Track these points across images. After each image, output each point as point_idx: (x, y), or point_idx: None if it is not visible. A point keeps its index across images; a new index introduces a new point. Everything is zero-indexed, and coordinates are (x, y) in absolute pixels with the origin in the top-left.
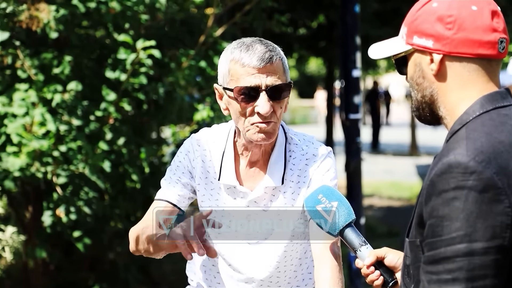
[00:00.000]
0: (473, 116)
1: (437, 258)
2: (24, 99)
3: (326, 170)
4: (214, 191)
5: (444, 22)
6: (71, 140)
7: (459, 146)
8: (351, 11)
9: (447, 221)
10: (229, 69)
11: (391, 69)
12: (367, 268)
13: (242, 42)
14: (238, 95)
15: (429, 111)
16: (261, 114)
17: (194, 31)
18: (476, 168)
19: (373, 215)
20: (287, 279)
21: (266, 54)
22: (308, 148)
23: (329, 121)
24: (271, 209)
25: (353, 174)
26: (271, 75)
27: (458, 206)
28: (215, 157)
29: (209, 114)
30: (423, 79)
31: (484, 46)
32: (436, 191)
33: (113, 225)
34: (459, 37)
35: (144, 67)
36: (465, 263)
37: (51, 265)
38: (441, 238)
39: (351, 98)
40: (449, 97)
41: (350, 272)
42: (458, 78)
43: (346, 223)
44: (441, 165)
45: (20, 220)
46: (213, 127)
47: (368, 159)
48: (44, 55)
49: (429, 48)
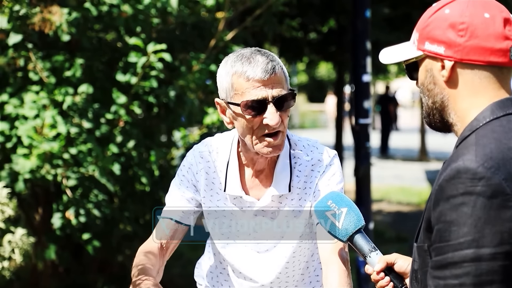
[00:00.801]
0: (483, 123)
1: (445, 263)
2: (35, 101)
3: (332, 175)
4: (221, 202)
5: (456, 29)
6: (82, 143)
7: (468, 152)
8: (361, 16)
9: (455, 226)
10: (232, 83)
11: (401, 74)
12: (377, 274)
13: (242, 55)
14: (245, 109)
15: (439, 118)
16: (270, 126)
17: (205, 35)
18: (485, 174)
19: (382, 220)
20: (294, 282)
21: (269, 65)
22: (313, 153)
23: (338, 125)
24: (278, 217)
25: (362, 179)
26: (276, 86)
27: (466, 212)
28: (219, 168)
29: (219, 117)
30: (434, 85)
31: (495, 53)
32: (445, 196)
33: (122, 228)
34: (470, 45)
35: (155, 71)
36: (472, 269)
37: (60, 267)
38: (448, 243)
39: (361, 103)
40: (460, 103)
41: (358, 277)
42: (469, 85)
43: (356, 229)
44: (450, 171)
45: (30, 222)
46: (216, 137)
47: (377, 164)
48: (56, 57)
49: (441, 55)
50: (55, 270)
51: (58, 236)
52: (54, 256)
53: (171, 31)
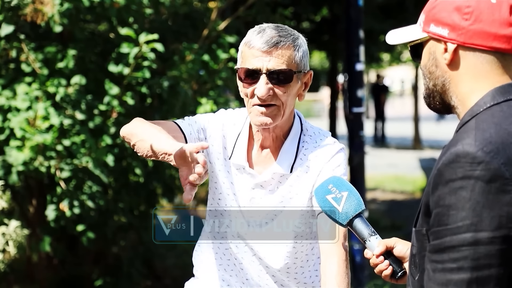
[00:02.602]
0: (484, 108)
1: (443, 247)
2: (28, 93)
3: (337, 166)
4: (227, 168)
5: (461, 12)
6: (75, 134)
7: (468, 136)
8: (354, 4)
9: (453, 210)
10: (241, 51)
11: (394, 63)
12: (376, 258)
13: (260, 27)
14: (240, 76)
15: (439, 100)
16: (259, 97)
17: (197, 25)
18: (484, 158)
19: (377, 208)
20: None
21: (274, 39)
22: (322, 141)
23: (332, 114)
24: (276, 193)
25: (357, 168)
26: (275, 59)
27: (465, 196)
28: (231, 137)
29: (213, 108)
30: (436, 67)
31: (499, 39)
32: (443, 180)
33: (116, 219)
34: (474, 28)
35: (147, 61)
36: (470, 252)
37: (55, 259)
38: (446, 227)
39: (354, 91)
40: (461, 87)
41: (353, 265)
42: (471, 69)
43: (356, 213)
44: (449, 155)
45: (23, 214)
46: (236, 109)
47: (372, 153)
48: (48, 49)
49: (444, 37)
50: (50, 262)
51: (52, 228)
52: (48, 248)
53: (163, 22)
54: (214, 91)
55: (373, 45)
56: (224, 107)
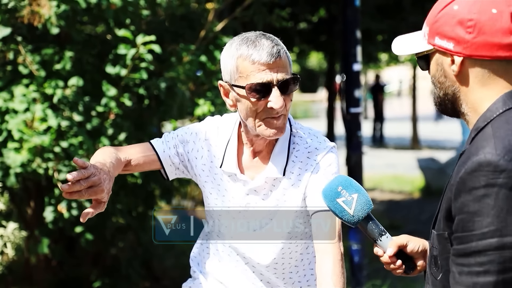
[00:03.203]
0: (497, 114)
1: (468, 251)
2: (25, 94)
3: (328, 165)
4: (218, 176)
5: (464, 26)
6: (72, 136)
7: (488, 144)
8: (351, 5)
9: (478, 217)
10: (237, 66)
11: (392, 63)
12: (389, 259)
13: (247, 38)
14: (249, 92)
15: (451, 107)
16: (274, 109)
17: (194, 26)
18: (506, 166)
19: (375, 208)
20: (288, 273)
21: (274, 49)
22: (312, 141)
23: (330, 115)
24: (269, 199)
25: (354, 168)
26: (281, 70)
27: (489, 203)
28: (220, 145)
29: (210, 109)
30: (445, 78)
31: (503, 48)
32: (467, 188)
33: (115, 221)
34: (478, 41)
35: (145, 62)
36: (496, 256)
37: (53, 261)
38: (472, 232)
39: (351, 92)
40: (471, 96)
41: (352, 265)
42: (479, 78)
43: (366, 213)
44: (471, 164)
45: (22, 216)
46: (224, 116)
47: (370, 153)
48: (45, 51)
49: (450, 51)
50: (48, 264)
51: (50, 230)
52: (46, 250)
53: (160, 23)
54: (211, 92)
55: (370, 45)
56: (221, 108)
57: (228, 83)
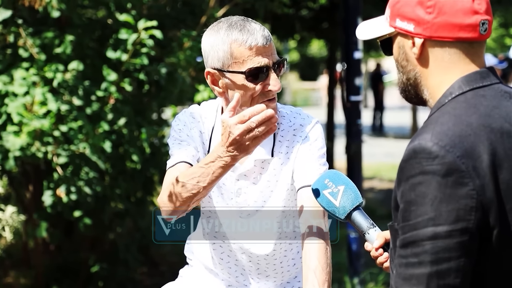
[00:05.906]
0: (449, 99)
1: (406, 242)
2: (25, 78)
3: (314, 140)
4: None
5: (424, 6)
6: (72, 120)
7: (426, 131)
8: None
9: (413, 206)
10: (231, 52)
11: None
12: (375, 251)
13: (235, 23)
14: (249, 76)
15: (414, 94)
16: (271, 92)
17: (196, 12)
18: (439, 152)
19: (374, 197)
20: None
21: (266, 32)
22: (296, 119)
23: (330, 103)
24: (260, 182)
25: (354, 157)
26: (273, 52)
27: (423, 191)
28: (206, 132)
29: (210, 95)
30: (407, 61)
31: (464, 29)
32: (404, 177)
33: (113, 206)
34: (439, 21)
35: (146, 48)
36: (430, 247)
37: (51, 245)
38: (408, 222)
39: (352, 80)
40: (431, 80)
41: (349, 254)
42: (439, 61)
43: (353, 206)
44: (408, 151)
45: (20, 200)
46: (202, 104)
47: (369, 142)
48: (46, 34)
49: (411, 32)
50: (46, 248)
51: (49, 214)
52: (45, 234)
53: (162, 8)
54: None
55: None
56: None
57: (219, 70)
